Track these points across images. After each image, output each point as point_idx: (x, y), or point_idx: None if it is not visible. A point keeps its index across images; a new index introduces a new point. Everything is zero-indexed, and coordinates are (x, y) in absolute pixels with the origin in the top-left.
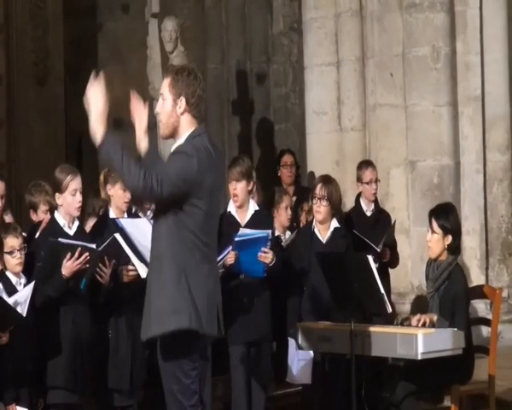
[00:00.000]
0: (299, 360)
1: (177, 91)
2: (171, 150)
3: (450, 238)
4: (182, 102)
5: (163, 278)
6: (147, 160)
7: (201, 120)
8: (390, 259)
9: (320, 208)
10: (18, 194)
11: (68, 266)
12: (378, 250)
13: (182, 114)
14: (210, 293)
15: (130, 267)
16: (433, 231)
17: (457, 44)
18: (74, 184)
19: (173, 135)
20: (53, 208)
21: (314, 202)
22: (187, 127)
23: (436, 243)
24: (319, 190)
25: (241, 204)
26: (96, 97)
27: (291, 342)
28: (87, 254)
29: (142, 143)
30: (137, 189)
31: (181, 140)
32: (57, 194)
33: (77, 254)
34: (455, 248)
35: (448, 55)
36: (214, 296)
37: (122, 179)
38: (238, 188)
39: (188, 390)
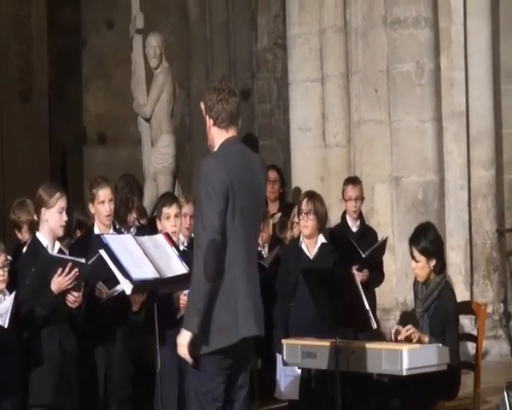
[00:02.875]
0: (286, 375)
1: (205, 111)
2: None
3: (434, 261)
4: (207, 118)
5: None
6: None
7: (234, 130)
8: (368, 280)
9: (307, 223)
10: (1, 210)
11: (59, 282)
12: (363, 255)
13: (209, 128)
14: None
15: (103, 291)
16: (416, 260)
17: (442, 60)
18: (62, 202)
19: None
20: (34, 227)
21: (301, 217)
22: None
23: (421, 269)
24: (305, 204)
25: None
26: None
27: (279, 357)
28: (76, 270)
29: None
30: (210, 266)
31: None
32: (43, 209)
33: (67, 270)
34: (441, 268)
35: (432, 71)
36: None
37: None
38: None
39: (208, 395)
